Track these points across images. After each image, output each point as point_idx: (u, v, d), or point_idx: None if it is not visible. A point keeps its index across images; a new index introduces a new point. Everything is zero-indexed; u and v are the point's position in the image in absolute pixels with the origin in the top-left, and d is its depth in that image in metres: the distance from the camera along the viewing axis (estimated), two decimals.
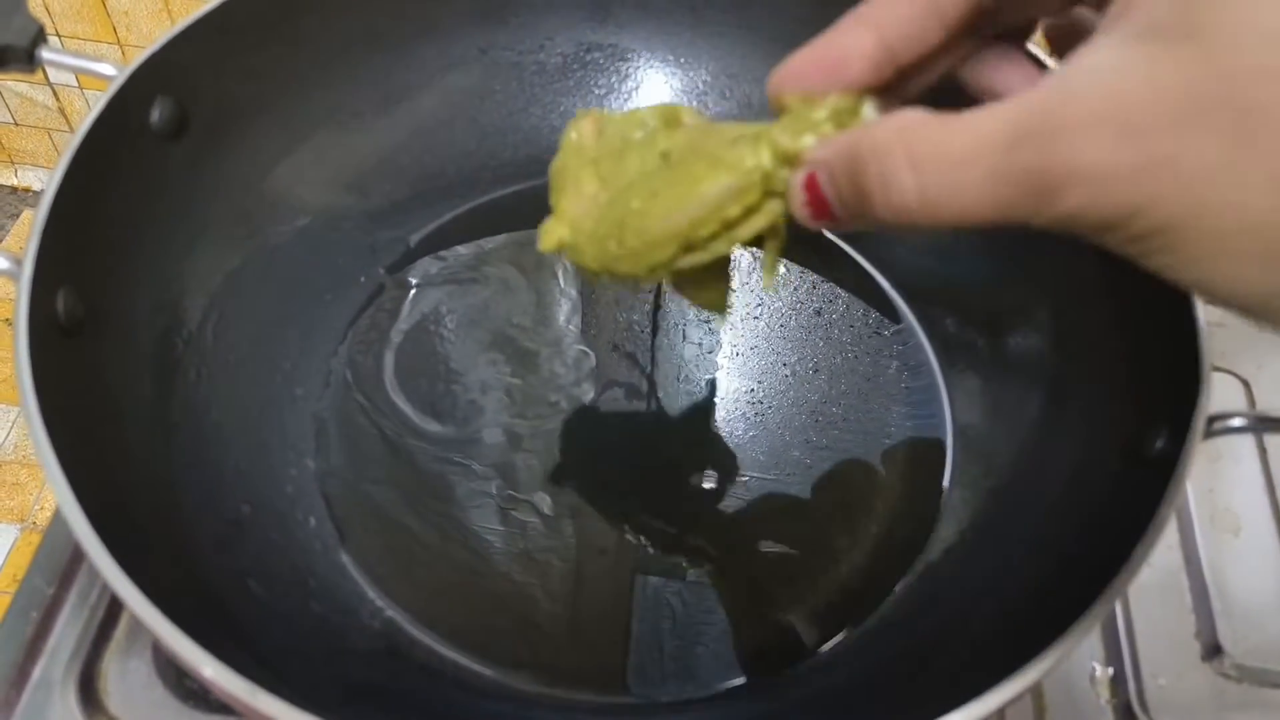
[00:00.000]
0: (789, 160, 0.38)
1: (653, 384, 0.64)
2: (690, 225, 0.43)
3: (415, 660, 0.53)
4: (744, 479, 0.61)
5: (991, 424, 0.61)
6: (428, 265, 0.69)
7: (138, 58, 0.57)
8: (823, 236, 0.71)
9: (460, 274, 0.69)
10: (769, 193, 0.40)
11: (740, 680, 0.54)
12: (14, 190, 1.33)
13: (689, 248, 0.45)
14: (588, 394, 0.63)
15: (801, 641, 0.55)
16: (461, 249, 0.70)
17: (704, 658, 0.54)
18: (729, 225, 0.43)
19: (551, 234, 0.50)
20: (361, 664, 0.52)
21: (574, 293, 0.68)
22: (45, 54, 0.57)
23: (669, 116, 0.46)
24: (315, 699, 0.40)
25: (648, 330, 0.67)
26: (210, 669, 0.39)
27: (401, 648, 0.53)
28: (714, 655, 0.54)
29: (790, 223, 0.39)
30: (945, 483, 0.60)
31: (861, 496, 0.60)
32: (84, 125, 0.54)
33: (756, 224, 0.42)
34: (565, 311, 0.67)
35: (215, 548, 0.53)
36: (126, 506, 0.48)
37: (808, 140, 0.38)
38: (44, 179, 1.34)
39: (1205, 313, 0.51)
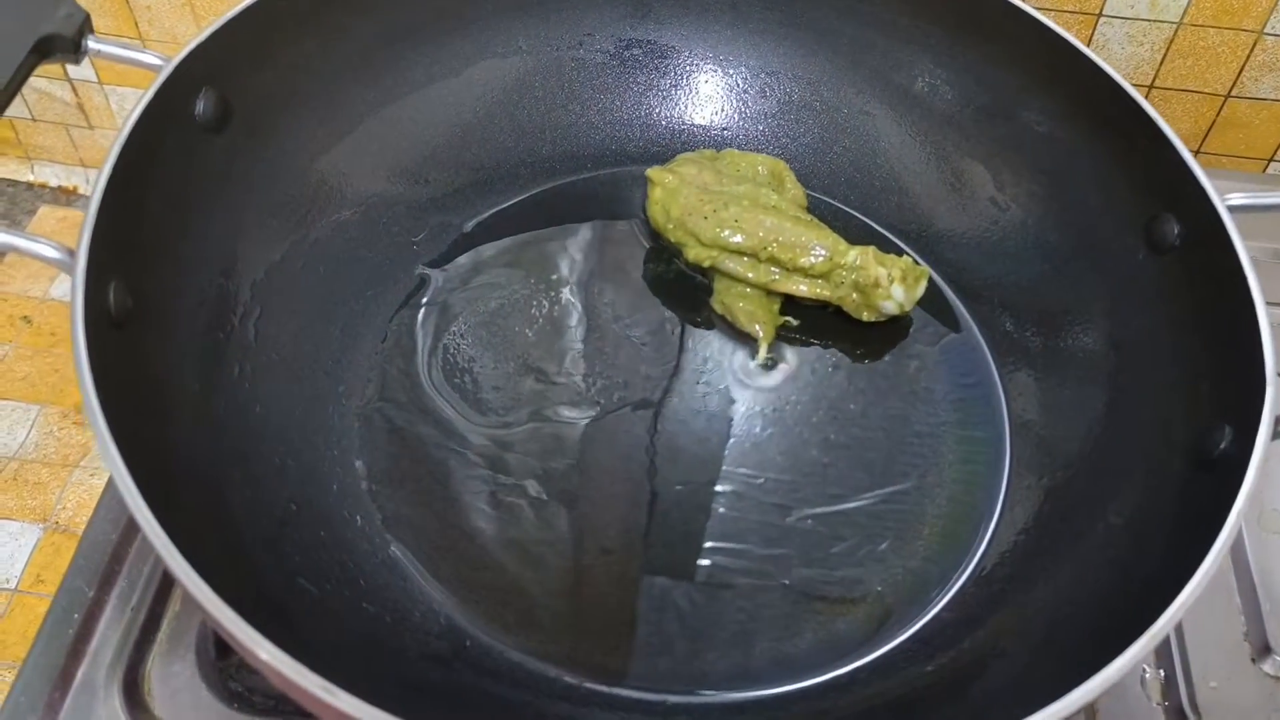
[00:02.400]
0: (866, 274, 0.63)
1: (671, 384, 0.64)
2: (774, 234, 0.64)
3: (470, 660, 0.52)
4: (787, 480, 0.60)
5: (1048, 424, 0.61)
6: (467, 261, 0.68)
7: (183, 49, 0.57)
8: (878, 236, 0.70)
9: (501, 271, 0.68)
10: (826, 278, 0.64)
11: (797, 684, 0.53)
12: (30, 186, 1.32)
13: (750, 253, 0.65)
14: (638, 391, 0.63)
15: (856, 643, 0.54)
16: (501, 244, 0.69)
17: (760, 658, 0.53)
18: (788, 266, 0.64)
19: (663, 172, 0.67)
20: (417, 664, 0.51)
21: (605, 290, 0.68)
22: (92, 43, 0.56)
23: (776, 170, 0.69)
24: (372, 698, 0.39)
25: (677, 332, 0.66)
26: (266, 653, 0.39)
27: (457, 649, 0.53)
28: (772, 657, 0.54)
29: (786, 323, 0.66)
30: (1002, 485, 0.59)
31: (911, 499, 0.59)
32: (131, 116, 0.53)
33: (796, 286, 0.65)
34: (606, 305, 0.67)
35: (265, 545, 0.52)
36: (179, 501, 0.47)
37: (880, 273, 0.63)
38: (61, 175, 1.33)
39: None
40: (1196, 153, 0.99)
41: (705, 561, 0.57)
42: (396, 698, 0.46)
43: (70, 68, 1.16)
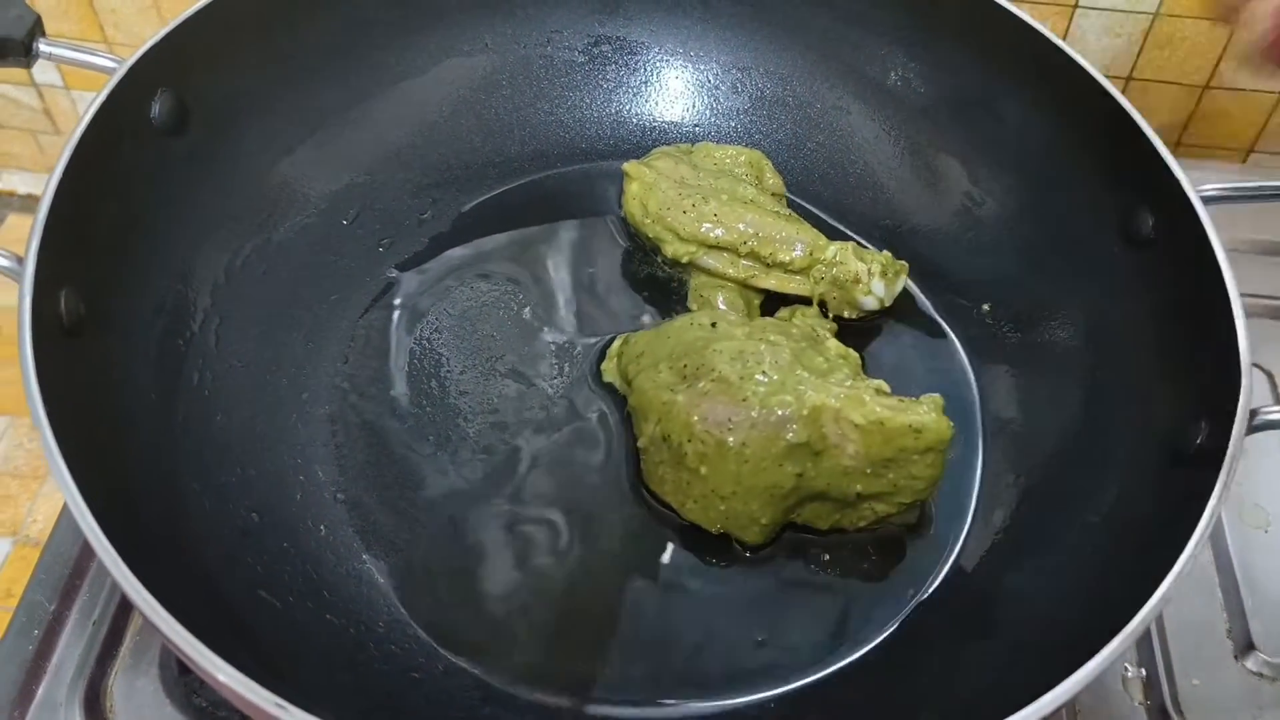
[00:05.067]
0: (846, 269, 0.62)
1: None
2: (753, 229, 0.63)
3: (436, 671, 0.51)
4: None
5: (1025, 420, 0.60)
6: (435, 263, 0.67)
7: (137, 50, 0.56)
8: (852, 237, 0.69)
9: (467, 273, 0.67)
10: (804, 273, 0.63)
11: (766, 692, 0.52)
12: None
13: (730, 249, 0.64)
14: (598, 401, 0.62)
15: (835, 643, 0.54)
16: (466, 248, 0.68)
17: (745, 660, 0.53)
18: (768, 261, 0.63)
19: (640, 167, 0.65)
20: (383, 677, 0.50)
21: (579, 290, 0.67)
22: (43, 46, 0.55)
23: (754, 161, 0.68)
24: (334, 711, 0.38)
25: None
26: (225, 675, 0.38)
27: (420, 660, 0.51)
28: (755, 660, 0.53)
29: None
30: (975, 484, 0.59)
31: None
32: (83, 119, 0.52)
33: (776, 282, 0.64)
34: (571, 308, 0.65)
35: (225, 557, 0.51)
36: (136, 514, 0.46)
37: (860, 268, 0.62)
38: (29, 183, 1.31)
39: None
40: (1176, 144, 0.98)
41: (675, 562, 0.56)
42: (360, 710, 0.45)
43: (36, 73, 1.14)
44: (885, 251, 0.64)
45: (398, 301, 0.65)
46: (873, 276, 0.62)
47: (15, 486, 1.08)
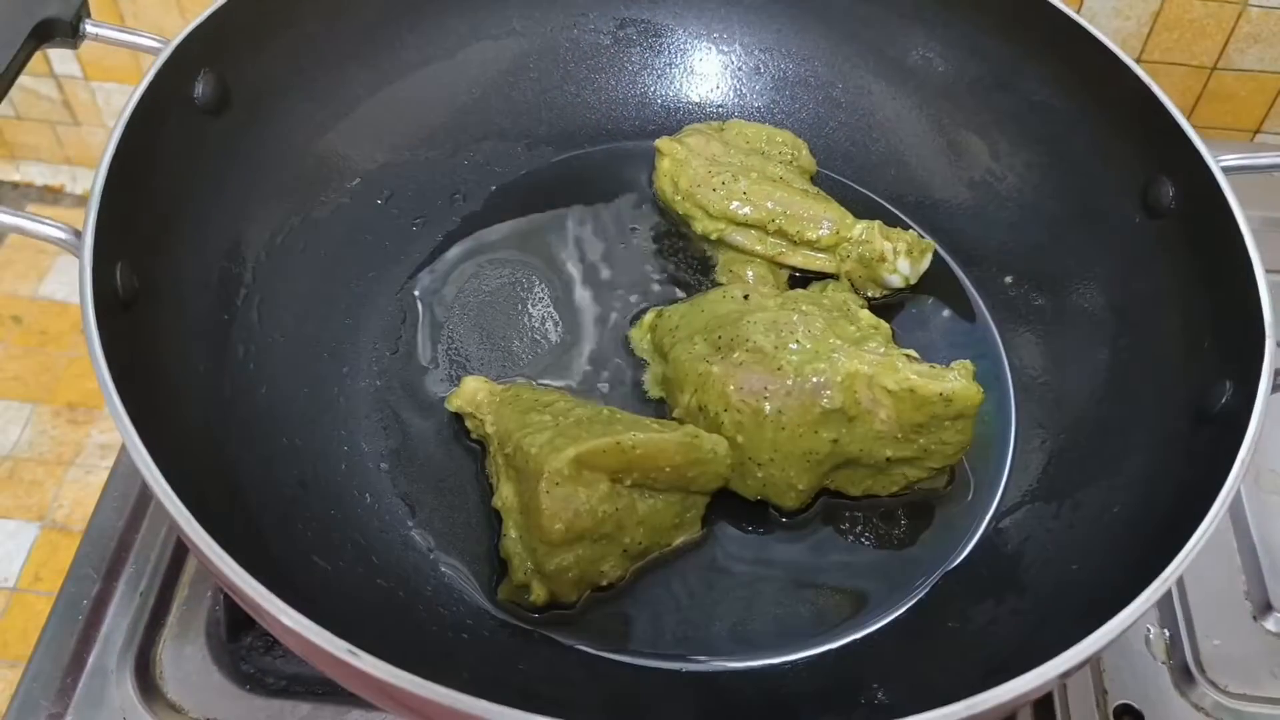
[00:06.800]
0: (871, 248, 0.64)
1: None
2: (781, 208, 0.64)
3: (483, 631, 0.52)
4: None
5: (1054, 379, 0.61)
6: (468, 241, 0.68)
7: (181, 31, 0.57)
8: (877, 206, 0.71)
9: (499, 251, 0.68)
10: (831, 250, 0.65)
11: (808, 651, 0.53)
12: (16, 186, 1.31)
13: (758, 226, 0.65)
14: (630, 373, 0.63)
15: (863, 601, 0.55)
16: (502, 224, 0.69)
17: (779, 623, 0.54)
18: (795, 239, 0.65)
19: (672, 143, 0.67)
20: (435, 636, 0.51)
21: (610, 265, 0.68)
22: (89, 27, 0.56)
23: (792, 142, 0.69)
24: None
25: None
26: (294, 623, 0.39)
27: (469, 621, 0.53)
28: (779, 623, 0.54)
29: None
30: (1010, 446, 0.60)
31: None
32: (132, 99, 0.53)
33: (802, 259, 0.66)
34: (602, 284, 0.67)
35: (277, 523, 0.52)
36: (194, 479, 0.47)
37: (886, 246, 0.63)
38: (47, 174, 1.32)
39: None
40: None
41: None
42: (416, 663, 0.47)
43: (55, 64, 1.15)
44: (911, 230, 0.65)
45: (432, 279, 0.66)
46: (898, 255, 0.63)
47: (41, 472, 1.09)
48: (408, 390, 0.61)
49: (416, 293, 0.65)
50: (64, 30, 0.55)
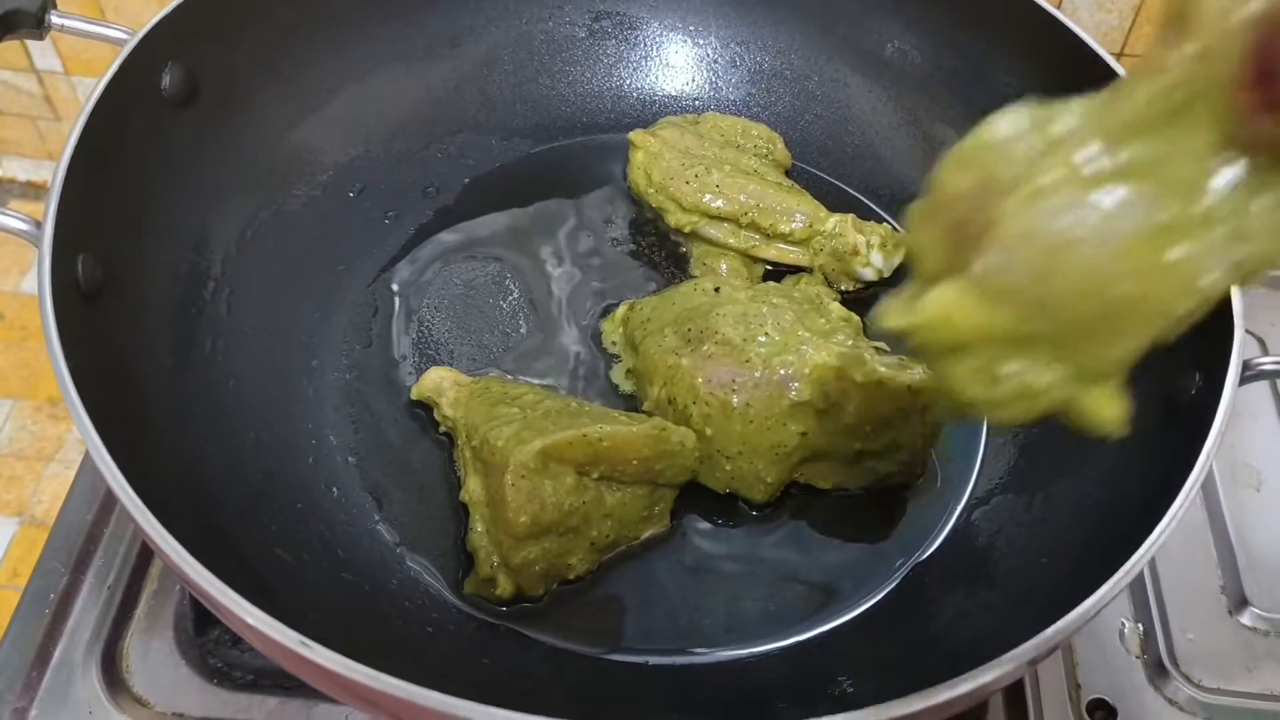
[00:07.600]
0: (845, 241, 0.63)
1: None
2: (754, 200, 0.64)
3: (449, 625, 0.52)
4: None
5: None
6: (441, 235, 0.68)
7: (148, 23, 0.57)
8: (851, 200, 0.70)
9: (472, 245, 0.68)
10: (804, 244, 0.64)
11: (774, 644, 0.53)
12: None
13: (731, 219, 0.65)
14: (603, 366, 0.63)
15: (832, 594, 0.55)
16: (475, 217, 0.69)
17: (747, 616, 0.54)
18: (768, 233, 0.64)
19: (645, 136, 0.67)
20: (398, 630, 0.51)
21: (583, 258, 0.67)
22: (54, 18, 0.56)
23: (768, 136, 0.69)
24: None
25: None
26: (252, 617, 0.39)
27: (434, 615, 0.52)
28: (748, 616, 0.54)
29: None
30: (981, 440, 0.60)
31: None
32: (96, 90, 0.53)
33: (776, 253, 0.65)
34: (575, 276, 0.66)
35: (240, 516, 0.52)
36: (157, 472, 0.47)
37: (859, 240, 0.63)
38: (29, 170, 1.32)
39: None
40: None
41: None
42: (381, 657, 0.46)
43: (36, 58, 1.15)
44: (885, 224, 0.65)
45: (405, 272, 0.66)
46: (871, 249, 0.63)
47: (21, 468, 1.09)
48: (378, 383, 0.61)
49: (389, 286, 0.65)
50: (28, 21, 0.55)
